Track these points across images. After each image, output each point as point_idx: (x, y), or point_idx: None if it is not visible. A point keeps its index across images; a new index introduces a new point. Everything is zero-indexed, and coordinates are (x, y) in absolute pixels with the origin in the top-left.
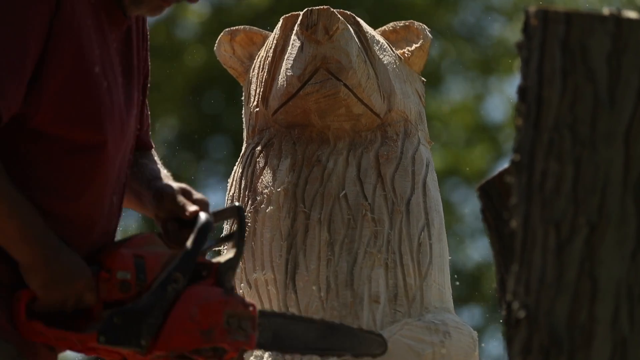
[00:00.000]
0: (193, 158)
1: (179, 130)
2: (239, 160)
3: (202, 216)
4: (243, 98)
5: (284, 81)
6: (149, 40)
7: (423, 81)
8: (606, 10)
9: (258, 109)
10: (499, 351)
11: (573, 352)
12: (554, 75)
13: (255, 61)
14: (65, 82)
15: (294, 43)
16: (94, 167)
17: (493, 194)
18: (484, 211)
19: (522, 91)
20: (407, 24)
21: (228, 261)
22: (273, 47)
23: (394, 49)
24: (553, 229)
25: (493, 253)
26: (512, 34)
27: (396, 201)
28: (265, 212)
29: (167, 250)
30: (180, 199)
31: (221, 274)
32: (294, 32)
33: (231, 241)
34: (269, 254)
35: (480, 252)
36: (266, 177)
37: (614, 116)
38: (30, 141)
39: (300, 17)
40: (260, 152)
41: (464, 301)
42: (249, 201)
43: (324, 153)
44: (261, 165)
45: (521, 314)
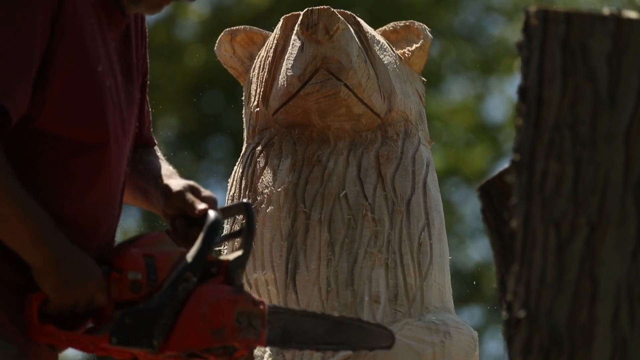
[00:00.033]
0: (193, 158)
1: (179, 130)
2: (239, 160)
3: (211, 214)
4: (243, 98)
5: (284, 81)
6: (147, 37)
7: (423, 81)
8: (606, 10)
9: (258, 108)
10: (499, 351)
11: (573, 352)
12: (554, 75)
13: (255, 61)
14: (69, 81)
15: (295, 43)
16: (97, 167)
17: (493, 194)
18: (484, 211)
19: (523, 91)
20: (407, 23)
21: (237, 259)
22: (273, 47)
23: (394, 49)
24: (553, 228)
25: (493, 253)
26: (512, 34)
27: (396, 201)
28: (265, 212)
29: (177, 248)
30: (189, 196)
31: (230, 272)
32: (295, 32)
33: (239, 238)
34: (269, 254)
35: (481, 252)
36: (266, 177)
37: (614, 116)
38: (33, 142)
39: (300, 17)
40: (261, 152)
41: (464, 301)
42: (249, 201)
43: (324, 153)
44: (261, 165)
45: (521, 313)
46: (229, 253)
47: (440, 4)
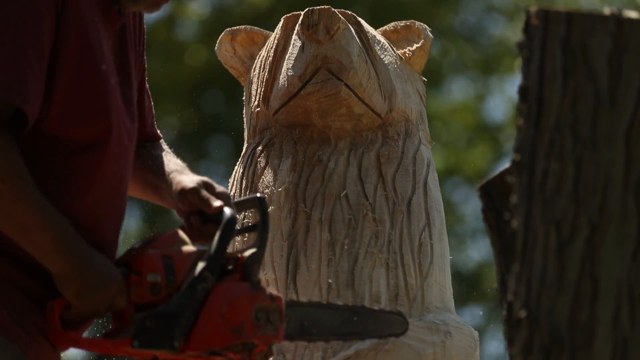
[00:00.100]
0: (193, 158)
1: (179, 130)
2: (239, 160)
3: (227, 211)
4: (244, 98)
5: (285, 81)
6: (145, 34)
7: (424, 81)
8: (607, 10)
9: (259, 108)
10: (500, 351)
11: (574, 352)
12: (554, 75)
13: (256, 61)
14: (72, 81)
15: (295, 43)
16: (96, 166)
17: (494, 194)
18: (484, 211)
19: (523, 91)
20: (408, 23)
21: (253, 254)
22: (274, 46)
23: (395, 48)
24: (554, 228)
25: (494, 253)
26: (513, 33)
27: (397, 201)
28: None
29: (193, 247)
30: (204, 193)
31: (247, 268)
32: (295, 31)
33: (254, 232)
34: (270, 253)
35: (481, 252)
36: (267, 177)
37: (615, 116)
38: (33, 143)
39: (301, 17)
40: (261, 152)
41: (464, 301)
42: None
43: (325, 153)
44: (262, 165)
45: (522, 313)
46: (244, 249)
47: (440, 3)
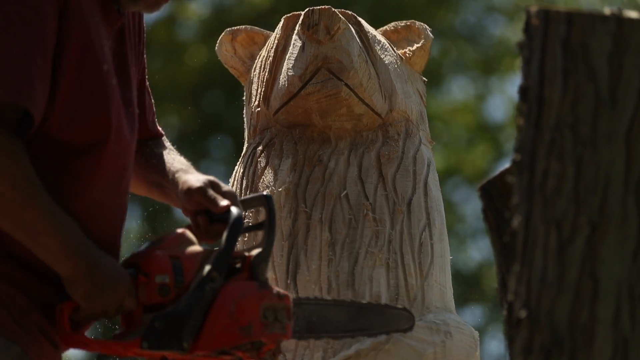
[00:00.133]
0: (194, 158)
1: (179, 130)
2: (240, 160)
3: (234, 211)
4: (244, 98)
5: (285, 81)
6: (145, 33)
7: (424, 81)
8: (607, 10)
9: (259, 108)
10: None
11: (574, 352)
12: (555, 75)
13: (256, 61)
14: (74, 82)
15: (295, 43)
16: (95, 166)
17: (494, 194)
18: (485, 211)
19: (524, 91)
20: (408, 23)
21: (260, 253)
22: (274, 46)
23: (395, 48)
24: (554, 228)
25: (494, 253)
26: (513, 33)
27: (397, 201)
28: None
29: (200, 247)
30: (210, 192)
31: (254, 267)
32: (295, 31)
33: (261, 230)
34: None
35: (482, 252)
36: (267, 177)
37: (615, 116)
38: (33, 144)
39: (301, 17)
40: (262, 152)
41: (465, 301)
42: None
43: (325, 153)
44: (262, 165)
45: (522, 313)
46: (251, 247)
47: (441, 3)
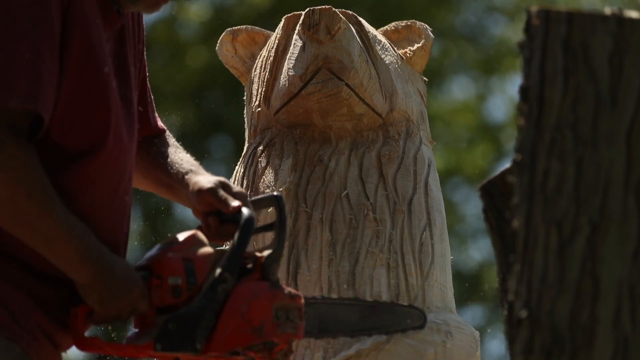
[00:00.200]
0: (195, 158)
1: (180, 130)
2: (240, 160)
3: (245, 212)
4: (245, 98)
5: (285, 81)
6: (144, 32)
7: (425, 81)
8: (608, 10)
9: (260, 108)
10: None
11: (575, 351)
12: (555, 74)
13: (257, 61)
14: (76, 84)
15: (296, 43)
16: (93, 168)
17: (495, 194)
18: (485, 211)
19: (524, 91)
20: (409, 23)
21: (272, 254)
22: (275, 46)
23: (395, 48)
24: (555, 228)
25: (495, 253)
26: (514, 33)
27: (398, 201)
28: (267, 212)
29: (212, 248)
30: (221, 193)
31: (266, 268)
32: (296, 31)
33: (271, 231)
34: None
35: (482, 252)
36: (268, 177)
37: (616, 116)
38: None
39: (302, 17)
40: (262, 151)
41: (465, 301)
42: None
43: (325, 153)
44: (263, 165)
45: (523, 313)
46: (262, 248)
47: (442, 3)
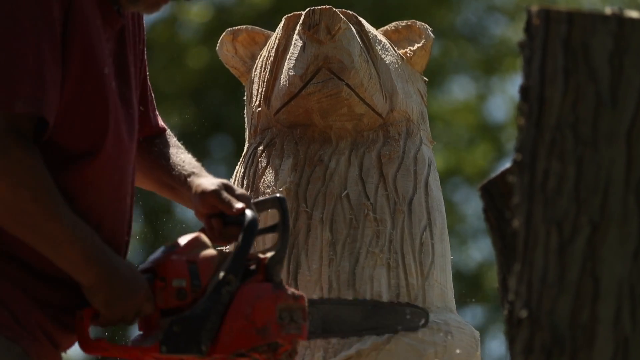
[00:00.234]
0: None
1: (180, 130)
2: (241, 160)
3: (249, 213)
4: (245, 98)
5: (286, 81)
6: (144, 31)
7: (425, 81)
8: (608, 9)
9: (260, 108)
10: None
11: (575, 351)
12: (556, 74)
13: (257, 61)
14: (76, 86)
15: (296, 43)
16: (91, 170)
17: (495, 194)
18: (486, 211)
19: (524, 91)
20: (409, 23)
21: (275, 255)
22: (275, 46)
23: (396, 48)
24: (555, 228)
25: (495, 253)
26: (514, 33)
27: (398, 201)
28: (267, 212)
29: (215, 251)
30: (225, 195)
31: (269, 269)
32: (296, 31)
33: (274, 233)
34: None
35: (483, 252)
36: (268, 177)
37: (616, 116)
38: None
39: (302, 17)
40: (263, 151)
41: (466, 301)
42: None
43: (326, 153)
44: (263, 165)
45: (523, 313)
46: (265, 249)
47: (442, 3)
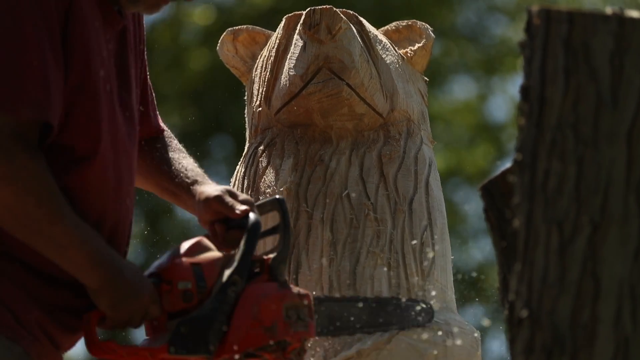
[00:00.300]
0: (195, 157)
1: (180, 130)
2: (241, 159)
3: (252, 216)
4: (246, 97)
5: (286, 81)
6: (145, 30)
7: (426, 81)
8: (609, 9)
9: (261, 108)
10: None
11: (575, 351)
12: (556, 74)
13: (257, 61)
14: (74, 89)
15: (297, 42)
16: (89, 173)
17: (496, 194)
18: (486, 211)
19: (525, 90)
20: (409, 23)
21: (278, 255)
22: (276, 46)
23: (396, 48)
24: (556, 228)
25: (496, 253)
26: (515, 33)
27: (399, 201)
28: (266, 215)
29: (219, 253)
30: (228, 199)
31: (273, 269)
32: (297, 31)
33: (275, 235)
34: None
35: (483, 252)
36: (269, 177)
37: (617, 116)
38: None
39: (302, 17)
40: (263, 151)
41: (466, 301)
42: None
43: (326, 152)
44: (264, 164)
45: (524, 313)
46: (268, 251)
47: (442, 3)
